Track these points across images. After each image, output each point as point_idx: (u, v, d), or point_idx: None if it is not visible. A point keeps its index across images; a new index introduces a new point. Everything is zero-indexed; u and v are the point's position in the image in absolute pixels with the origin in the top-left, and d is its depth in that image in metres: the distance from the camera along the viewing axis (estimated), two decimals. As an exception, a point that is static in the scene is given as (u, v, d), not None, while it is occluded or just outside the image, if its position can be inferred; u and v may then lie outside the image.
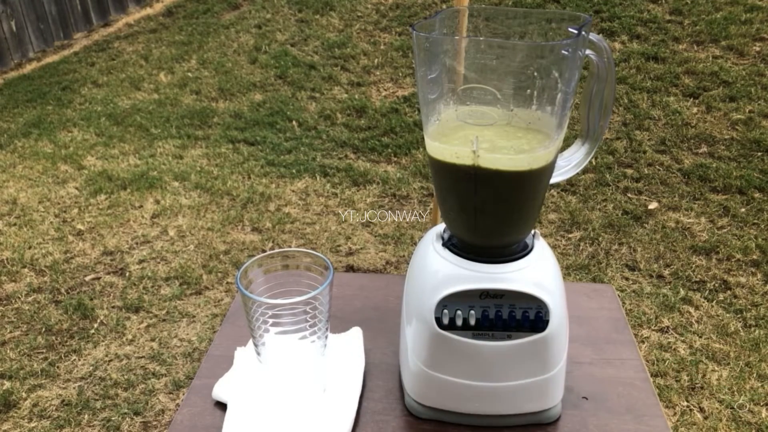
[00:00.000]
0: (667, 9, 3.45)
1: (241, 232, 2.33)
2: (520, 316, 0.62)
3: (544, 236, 2.27)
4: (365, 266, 2.15)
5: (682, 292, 1.98)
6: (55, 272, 2.14)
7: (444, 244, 0.66)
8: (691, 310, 1.92)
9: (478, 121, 0.61)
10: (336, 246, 2.25)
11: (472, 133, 0.60)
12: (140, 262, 2.18)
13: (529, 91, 0.59)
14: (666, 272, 2.08)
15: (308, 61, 3.54)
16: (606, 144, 2.74)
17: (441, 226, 0.70)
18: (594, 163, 2.63)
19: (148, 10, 4.50)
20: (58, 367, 1.78)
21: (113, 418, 1.61)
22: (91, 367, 1.77)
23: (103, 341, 1.86)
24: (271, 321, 0.63)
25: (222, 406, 0.70)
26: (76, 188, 2.64)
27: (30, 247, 2.28)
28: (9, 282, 2.11)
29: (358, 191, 2.57)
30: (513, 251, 0.65)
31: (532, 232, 0.67)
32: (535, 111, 0.60)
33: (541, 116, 0.60)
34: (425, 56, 0.59)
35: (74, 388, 1.71)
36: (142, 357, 1.80)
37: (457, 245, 0.65)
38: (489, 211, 0.62)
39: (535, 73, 0.57)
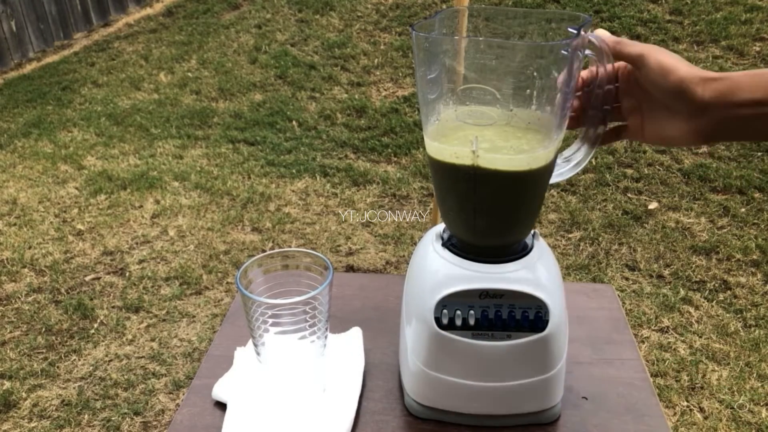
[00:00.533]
0: (667, 9, 3.45)
1: (241, 232, 2.33)
2: (519, 316, 0.62)
3: (544, 236, 2.27)
4: (365, 266, 2.15)
5: (682, 292, 1.98)
6: (55, 272, 2.14)
7: (444, 244, 0.66)
8: (691, 310, 1.92)
9: (477, 121, 0.61)
10: (336, 246, 2.25)
11: (471, 133, 0.60)
12: (140, 262, 2.19)
13: (528, 91, 0.59)
14: (666, 272, 2.08)
15: (308, 61, 3.54)
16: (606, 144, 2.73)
17: (441, 226, 0.70)
18: (594, 163, 2.63)
19: (148, 10, 4.50)
20: (58, 367, 1.78)
21: (113, 418, 1.61)
22: (91, 367, 1.77)
23: (103, 341, 1.86)
24: (270, 321, 0.63)
25: (222, 406, 0.70)
26: (76, 188, 2.64)
27: (30, 247, 2.28)
28: (9, 282, 2.12)
29: (358, 191, 2.57)
30: (513, 251, 0.65)
31: (532, 232, 0.67)
32: (534, 111, 0.60)
33: (540, 116, 0.60)
34: (425, 56, 0.59)
35: (74, 388, 1.71)
36: (142, 357, 1.80)
37: (456, 245, 0.65)
38: (489, 212, 0.61)
39: (535, 73, 0.57)
